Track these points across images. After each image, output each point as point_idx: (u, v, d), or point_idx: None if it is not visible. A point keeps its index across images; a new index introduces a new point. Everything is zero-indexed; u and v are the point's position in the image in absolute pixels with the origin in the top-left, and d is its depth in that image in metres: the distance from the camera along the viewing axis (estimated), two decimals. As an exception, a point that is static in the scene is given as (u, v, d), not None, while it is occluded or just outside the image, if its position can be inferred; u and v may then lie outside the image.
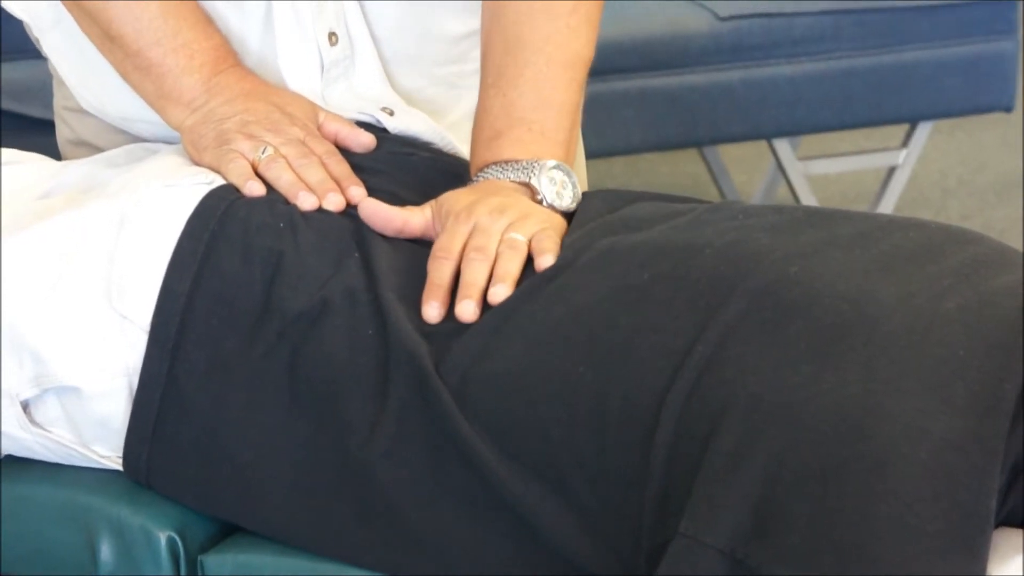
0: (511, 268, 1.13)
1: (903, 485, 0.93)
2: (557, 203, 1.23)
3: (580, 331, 1.07)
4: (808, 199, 2.80)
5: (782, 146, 2.81)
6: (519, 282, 1.15)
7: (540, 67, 1.30)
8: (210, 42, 1.30)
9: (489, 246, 1.16)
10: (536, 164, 1.26)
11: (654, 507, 1.01)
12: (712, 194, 2.93)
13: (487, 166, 1.28)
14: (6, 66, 2.56)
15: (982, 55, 2.86)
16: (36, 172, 1.39)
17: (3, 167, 1.40)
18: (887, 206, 2.91)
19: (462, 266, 1.14)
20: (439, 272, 1.15)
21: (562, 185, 1.26)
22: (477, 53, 1.35)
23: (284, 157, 1.22)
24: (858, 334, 1.00)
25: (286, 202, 1.19)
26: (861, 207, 2.94)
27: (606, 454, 1.02)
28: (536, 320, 1.09)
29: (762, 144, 2.92)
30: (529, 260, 1.16)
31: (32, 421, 1.20)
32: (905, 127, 2.89)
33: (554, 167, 1.25)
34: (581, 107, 1.33)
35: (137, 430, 1.17)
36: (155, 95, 1.29)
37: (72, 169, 1.36)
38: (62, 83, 1.42)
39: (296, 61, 1.32)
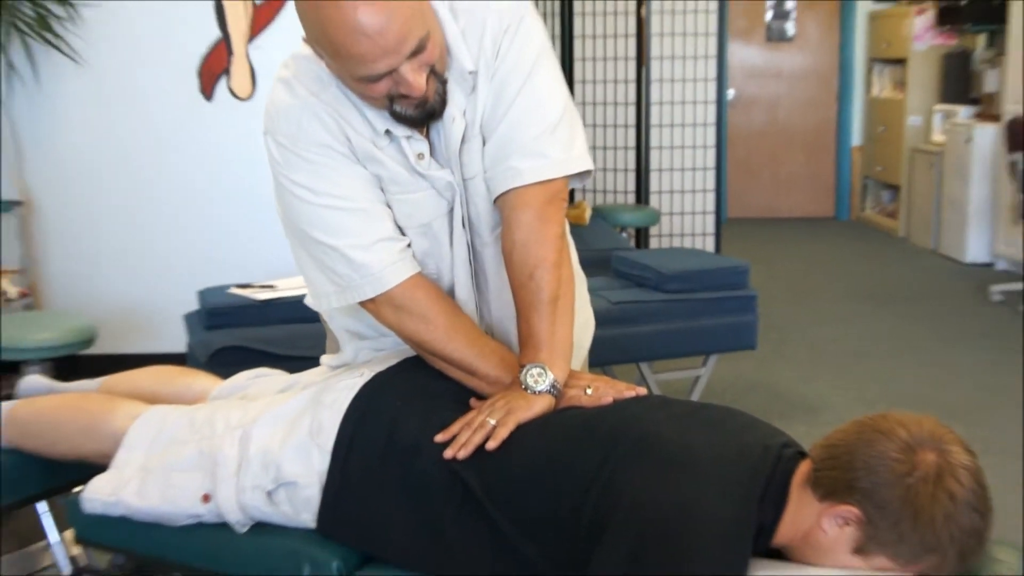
0: (473, 440, 1.43)
1: (704, 539, 1.23)
2: (533, 387, 1.51)
3: (543, 460, 1.36)
4: (657, 392, 2.66)
5: (645, 367, 3.56)
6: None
7: (543, 313, 1.51)
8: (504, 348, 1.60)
9: (474, 424, 1.46)
10: (524, 367, 1.52)
11: (581, 557, 1.29)
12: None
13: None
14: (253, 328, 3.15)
15: (738, 322, 3.64)
16: (278, 378, 1.80)
17: (262, 376, 1.83)
18: (696, 395, 3.59)
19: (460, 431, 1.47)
20: (457, 429, 1.46)
21: (538, 375, 1.51)
22: None
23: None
24: (686, 463, 1.27)
25: (406, 396, 1.49)
26: (684, 396, 3.43)
27: (560, 528, 1.31)
28: (526, 447, 1.38)
29: (633, 365, 3.62)
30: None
31: (270, 502, 1.52)
32: (703, 356, 3.63)
33: (534, 366, 1.52)
34: (569, 336, 1.54)
35: (325, 503, 1.49)
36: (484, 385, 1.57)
37: (296, 378, 1.72)
38: (334, 339, 1.80)
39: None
